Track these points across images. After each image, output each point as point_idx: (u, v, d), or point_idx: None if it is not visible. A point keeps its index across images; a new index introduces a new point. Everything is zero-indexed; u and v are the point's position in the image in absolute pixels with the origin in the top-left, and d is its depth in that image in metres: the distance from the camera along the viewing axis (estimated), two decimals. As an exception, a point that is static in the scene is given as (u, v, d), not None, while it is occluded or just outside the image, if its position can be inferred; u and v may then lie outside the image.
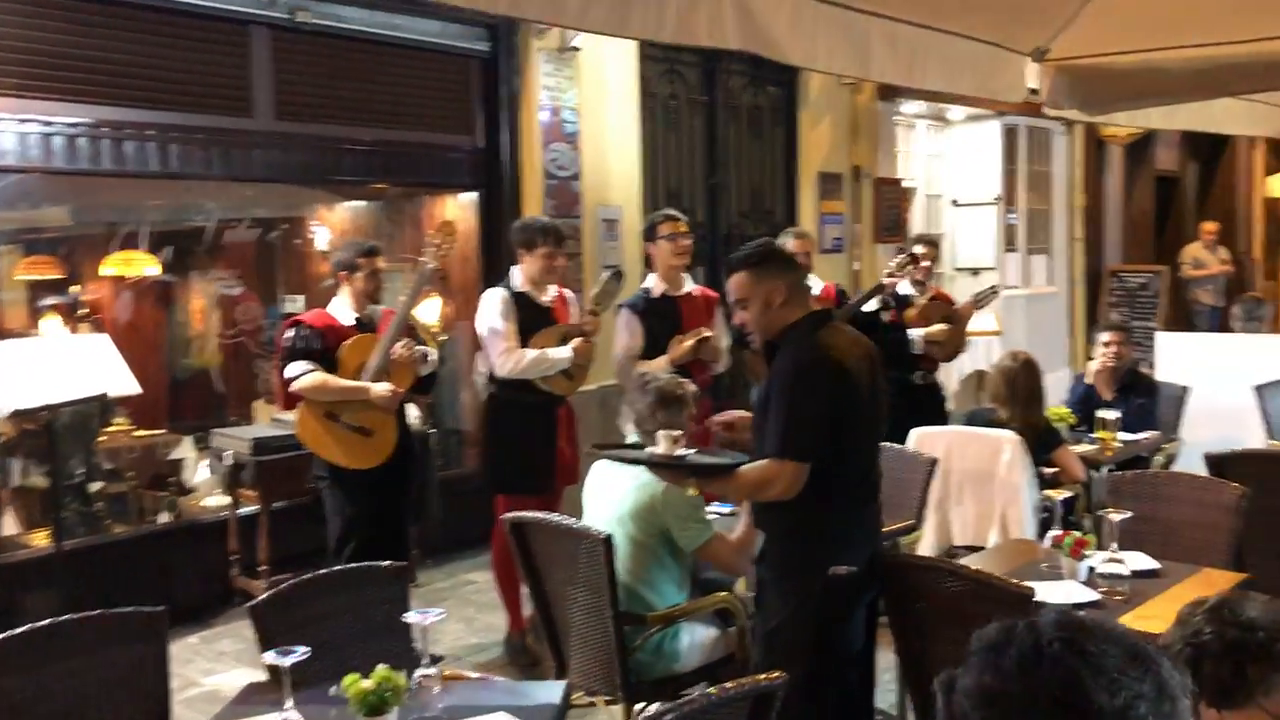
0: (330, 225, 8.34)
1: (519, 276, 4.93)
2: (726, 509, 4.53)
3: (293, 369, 4.60)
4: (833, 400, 3.07)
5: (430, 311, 7.41)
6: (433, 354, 4.89)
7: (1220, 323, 12.77)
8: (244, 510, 5.90)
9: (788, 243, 5.70)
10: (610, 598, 3.47)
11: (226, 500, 6.03)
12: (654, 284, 5.24)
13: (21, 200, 7.40)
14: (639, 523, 3.67)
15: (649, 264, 5.44)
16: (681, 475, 3.29)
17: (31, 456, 6.42)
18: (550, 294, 5.00)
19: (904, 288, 6.41)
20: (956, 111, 10.90)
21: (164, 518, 5.99)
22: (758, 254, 3.28)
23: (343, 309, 4.76)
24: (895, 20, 3.16)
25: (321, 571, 2.99)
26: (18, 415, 4.80)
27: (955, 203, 11.20)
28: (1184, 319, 13.00)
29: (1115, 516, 3.40)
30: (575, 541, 3.54)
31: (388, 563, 3.11)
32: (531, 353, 4.78)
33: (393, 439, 4.67)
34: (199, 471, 6.55)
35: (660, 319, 5.10)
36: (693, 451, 3.30)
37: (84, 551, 5.46)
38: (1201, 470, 4.56)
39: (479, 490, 6.92)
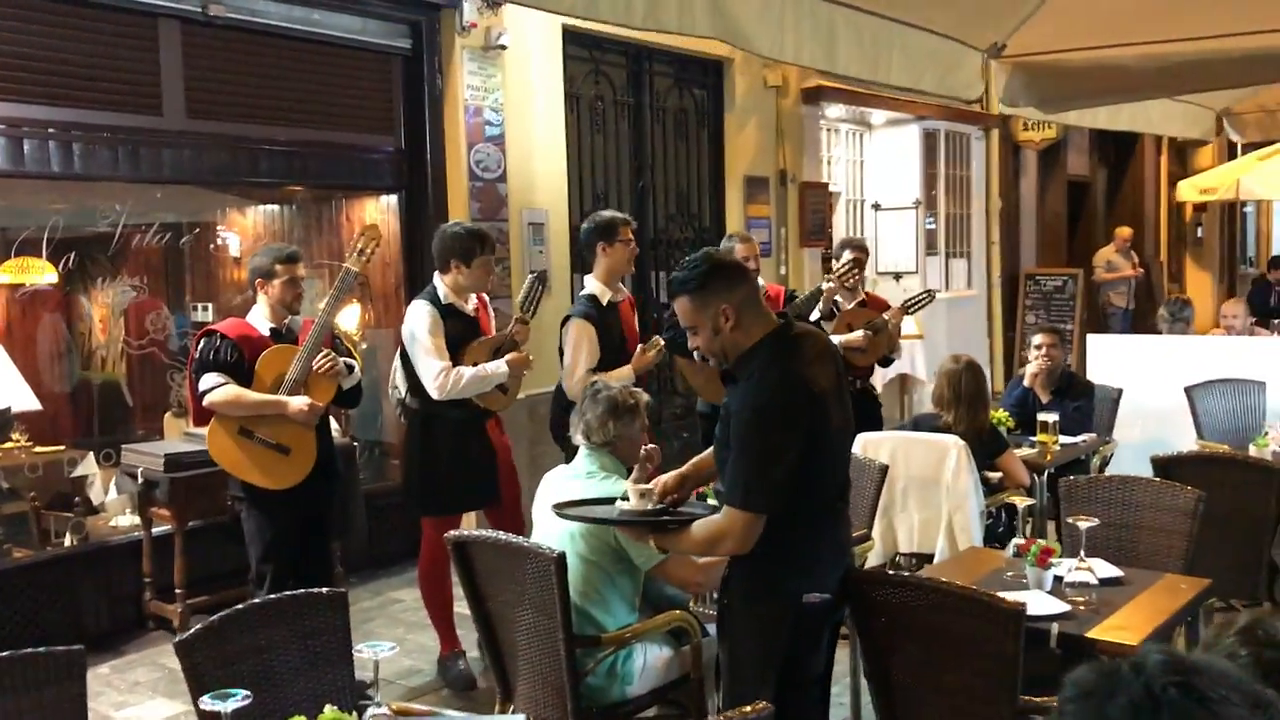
0: (242, 230, 8.01)
1: (443, 287, 4.70)
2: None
3: (205, 381, 4.33)
4: (804, 435, 2.81)
5: (350, 319, 7.15)
6: (356, 365, 4.65)
7: (1131, 324, 13.04)
8: (157, 530, 5.58)
9: (735, 248, 5.59)
10: (562, 620, 3.29)
11: (137, 520, 5.69)
12: (598, 290, 5.05)
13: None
14: (589, 539, 3.50)
15: (586, 268, 5.26)
16: (642, 532, 3.14)
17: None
18: (472, 302, 4.80)
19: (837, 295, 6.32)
20: (878, 116, 10.94)
21: (69, 540, 5.62)
22: (696, 277, 2.93)
23: (259, 318, 4.50)
24: (859, 10, 3.04)
25: (255, 601, 2.76)
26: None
27: (877, 206, 11.23)
28: (1097, 321, 13.25)
29: (1084, 524, 3.32)
30: (523, 560, 3.35)
31: (326, 590, 2.89)
32: (468, 371, 4.56)
33: (312, 456, 4.42)
34: (109, 490, 6.17)
35: (607, 329, 4.93)
36: (661, 506, 3.14)
37: (-18, 578, 5.10)
38: (1139, 472, 4.53)
39: (402, 506, 6.72)
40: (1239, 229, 21.22)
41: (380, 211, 7.10)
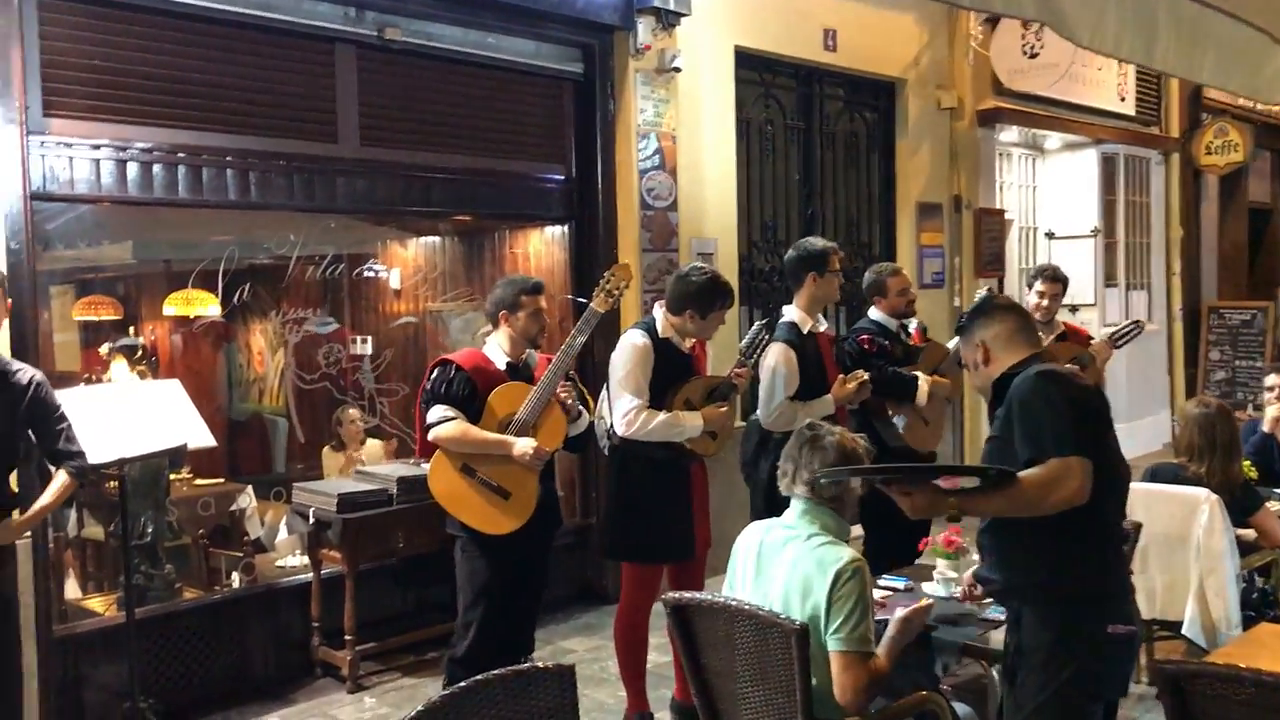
0: (403, 262, 7.87)
1: (663, 321, 4.35)
2: (901, 583, 3.95)
3: (434, 414, 4.12)
4: (1092, 413, 2.77)
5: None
6: (586, 412, 4.37)
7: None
8: (326, 572, 5.36)
9: (886, 281, 5.25)
10: (803, 701, 2.89)
11: (306, 561, 5.49)
12: (799, 318, 4.73)
13: (80, 237, 6.97)
14: (804, 607, 3.01)
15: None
16: (939, 498, 2.68)
17: (94, 508, 5.94)
18: (690, 340, 4.46)
19: None
20: (1052, 140, 10.35)
21: (238, 580, 5.45)
22: (962, 318, 3.15)
23: (496, 351, 4.27)
24: (1180, -5, 2.66)
25: (478, 678, 2.42)
26: (90, 470, 4.27)
27: (1051, 235, 10.60)
28: (1282, 357, 12.30)
29: None
30: (758, 630, 2.96)
31: (553, 664, 2.55)
32: (662, 416, 4.21)
33: (532, 503, 4.14)
34: (279, 530, 6.00)
35: (805, 359, 4.58)
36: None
37: (157, 620, 4.93)
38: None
39: (570, 547, 6.42)
40: None
41: (545, 242, 6.86)
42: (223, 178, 5.09)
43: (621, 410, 4.19)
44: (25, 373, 3.84)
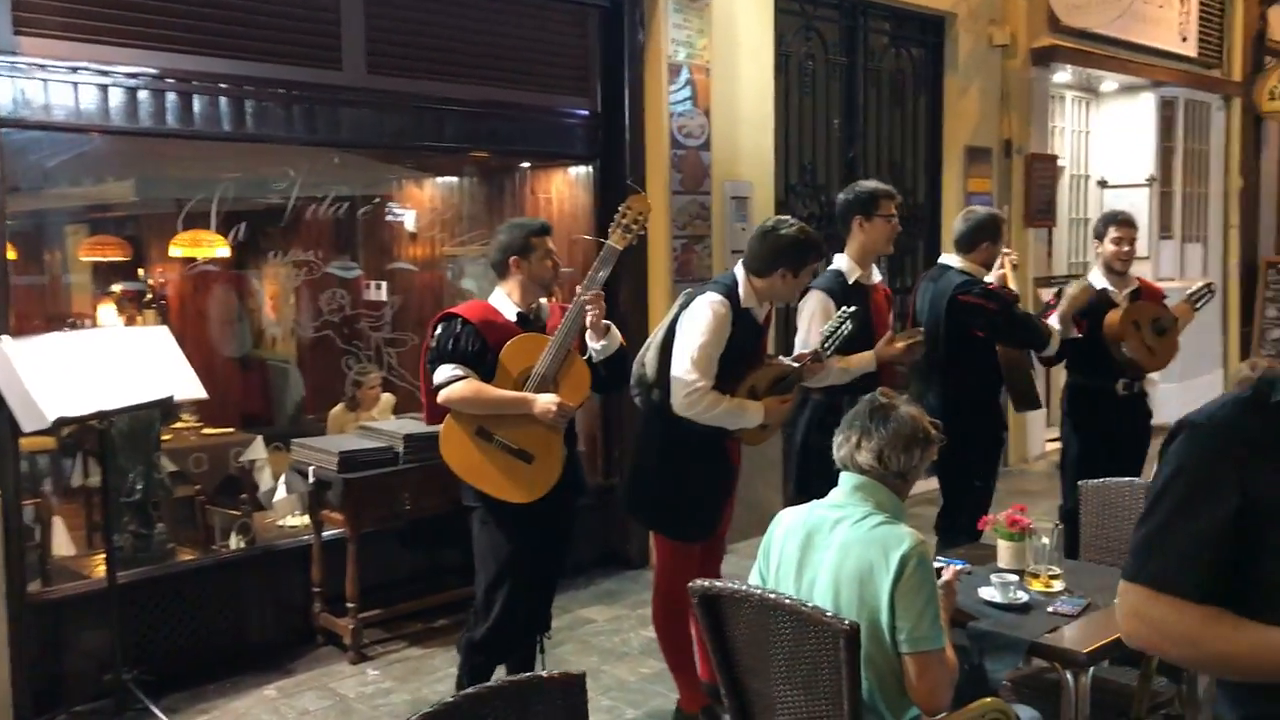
0: (418, 203, 7.44)
1: (746, 286, 3.87)
2: (957, 565, 3.53)
3: (442, 374, 3.68)
4: None
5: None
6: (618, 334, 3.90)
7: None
8: (328, 534, 5.00)
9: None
10: (850, 710, 2.49)
11: (307, 521, 5.13)
12: (848, 267, 4.30)
13: (84, 174, 6.59)
14: (857, 601, 2.62)
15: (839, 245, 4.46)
16: None
17: (99, 456, 5.59)
18: (765, 309, 3.99)
19: (1098, 280, 5.30)
20: (1108, 83, 9.75)
21: (235, 542, 5.09)
22: None
23: (504, 302, 3.81)
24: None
25: (485, 686, 2.04)
26: (63, 423, 3.92)
27: (1103, 184, 10.04)
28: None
29: None
30: (801, 628, 2.55)
31: (559, 673, 2.15)
32: (725, 403, 3.75)
33: (558, 465, 3.70)
34: (278, 487, 5.64)
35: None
36: None
37: (144, 584, 4.59)
38: None
39: (594, 508, 6.03)
40: None
41: (568, 183, 6.41)
42: (215, 105, 4.67)
43: (685, 386, 3.71)
44: None
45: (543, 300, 3.91)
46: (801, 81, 7.14)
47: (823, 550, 2.69)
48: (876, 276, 4.45)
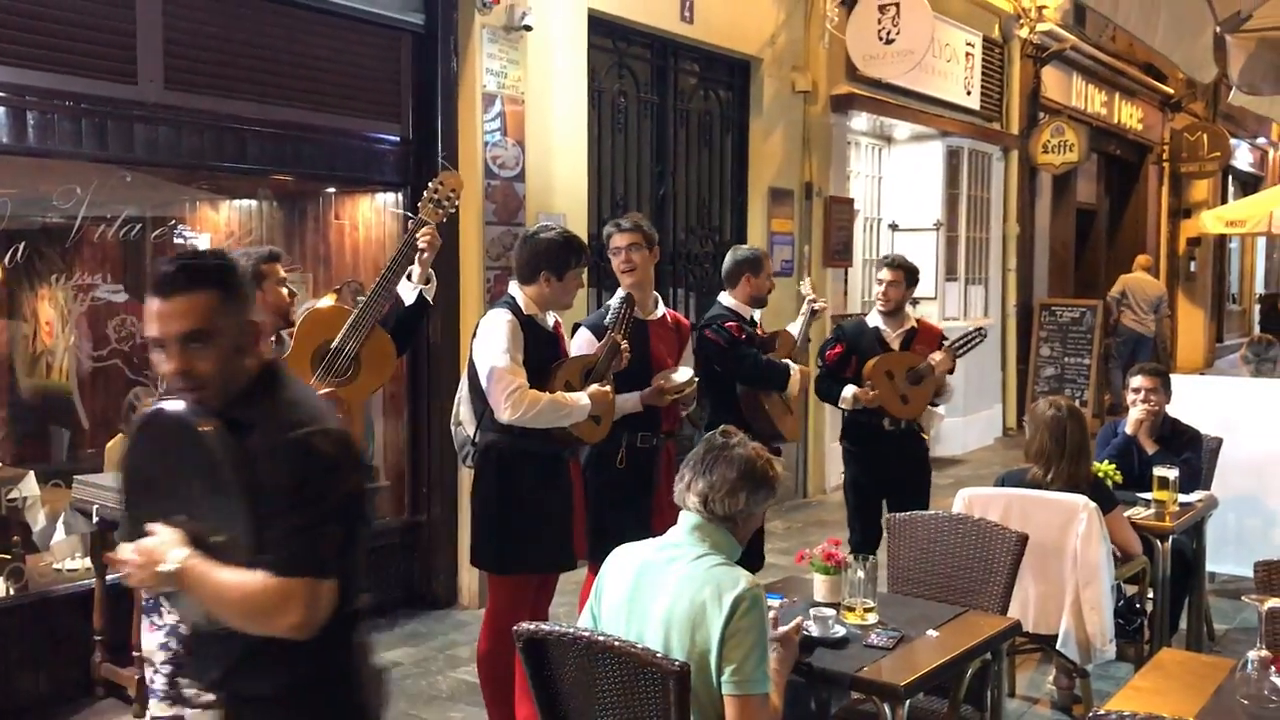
0: (214, 228, 7.08)
1: (523, 297, 3.86)
2: (775, 600, 3.55)
3: None
4: None
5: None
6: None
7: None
8: (111, 577, 4.64)
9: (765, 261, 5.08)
10: (682, 754, 2.45)
11: (89, 564, 4.76)
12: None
13: None
14: (683, 632, 2.59)
15: (605, 281, 4.50)
16: None
17: None
18: (552, 318, 3.98)
19: (874, 319, 5.51)
20: (902, 130, 10.24)
21: (4, 589, 4.67)
22: None
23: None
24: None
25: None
26: None
27: (894, 227, 10.52)
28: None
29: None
30: (630, 670, 2.51)
31: None
32: (547, 398, 3.72)
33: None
34: (56, 530, 5.22)
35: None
36: None
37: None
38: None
39: (396, 548, 5.87)
40: (1226, 265, 20.91)
41: (375, 210, 6.24)
42: (-7, 116, 4.32)
43: (504, 390, 3.64)
44: None
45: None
46: (614, 118, 7.20)
47: (656, 590, 2.66)
48: (660, 310, 4.47)
